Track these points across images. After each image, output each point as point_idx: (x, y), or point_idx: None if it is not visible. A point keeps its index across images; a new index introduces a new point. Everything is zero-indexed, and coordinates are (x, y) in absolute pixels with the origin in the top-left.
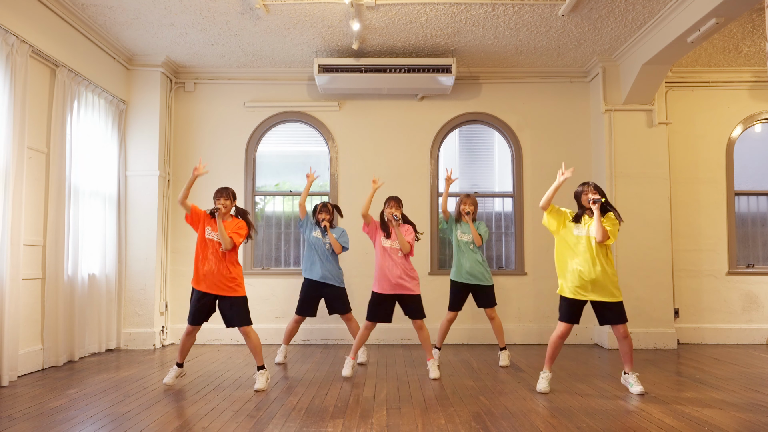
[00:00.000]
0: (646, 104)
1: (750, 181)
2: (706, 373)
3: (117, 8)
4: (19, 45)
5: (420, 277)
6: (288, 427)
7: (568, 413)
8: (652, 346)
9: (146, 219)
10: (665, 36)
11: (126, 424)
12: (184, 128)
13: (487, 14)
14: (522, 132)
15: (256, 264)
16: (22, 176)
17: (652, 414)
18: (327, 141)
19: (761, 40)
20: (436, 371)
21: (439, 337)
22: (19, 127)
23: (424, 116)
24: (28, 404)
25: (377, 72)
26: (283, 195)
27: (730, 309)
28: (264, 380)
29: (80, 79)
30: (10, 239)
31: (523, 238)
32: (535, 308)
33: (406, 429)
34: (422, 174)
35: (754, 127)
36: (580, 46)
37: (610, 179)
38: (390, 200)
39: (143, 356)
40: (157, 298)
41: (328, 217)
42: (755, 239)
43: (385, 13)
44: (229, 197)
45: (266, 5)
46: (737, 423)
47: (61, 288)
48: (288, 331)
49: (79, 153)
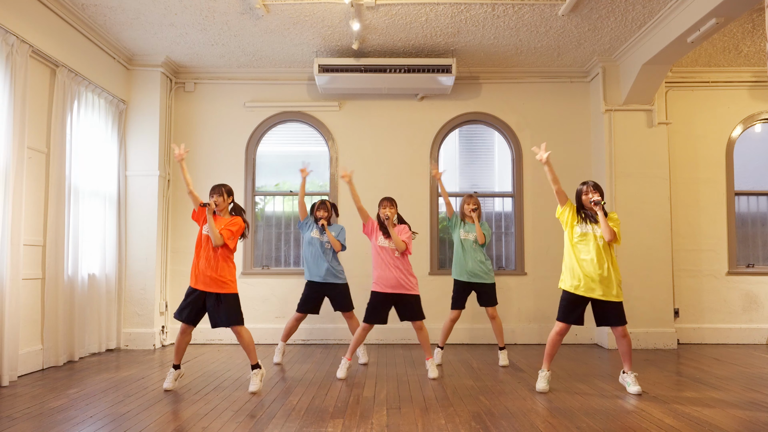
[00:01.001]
0: (646, 104)
1: (750, 181)
2: (706, 373)
3: (117, 8)
4: (19, 45)
5: (420, 277)
6: (288, 427)
7: (568, 413)
8: (652, 346)
9: (146, 219)
10: (665, 36)
11: (126, 424)
12: (184, 128)
13: (487, 14)
14: (522, 132)
15: (256, 264)
16: (22, 176)
17: (652, 414)
18: (327, 141)
19: (761, 40)
20: (434, 371)
21: (442, 336)
22: (19, 127)
23: (424, 116)
24: (28, 404)
25: (377, 72)
26: (283, 195)
27: (730, 309)
28: (258, 380)
29: (80, 79)
30: (10, 239)
31: (523, 238)
32: (535, 308)
33: (406, 429)
34: (422, 174)
35: (754, 127)
36: (580, 46)
37: (610, 179)
38: (383, 201)
39: (143, 356)
40: (157, 298)
41: (326, 215)
42: (755, 239)
43: (385, 13)
44: (222, 194)
45: (266, 5)
46: (737, 423)
47: (61, 288)
48: (287, 329)
49: (79, 153)
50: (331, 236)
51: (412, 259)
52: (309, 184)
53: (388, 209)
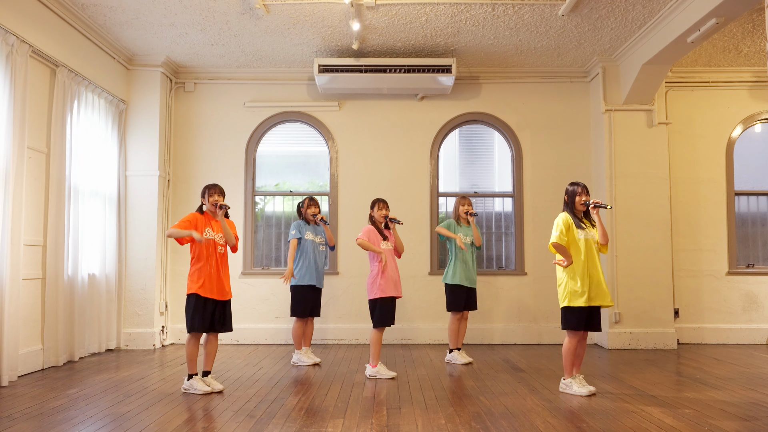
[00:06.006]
0: (646, 104)
1: (750, 181)
2: (706, 373)
3: (117, 8)
4: (19, 45)
5: (420, 277)
6: (288, 427)
7: (568, 413)
8: (652, 346)
9: (146, 219)
10: (665, 36)
11: (126, 424)
12: (184, 128)
13: (487, 14)
14: (522, 132)
15: (256, 264)
16: (22, 176)
17: (652, 414)
18: (327, 141)
19: (761, 40)
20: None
21: (454, 338)
22: (19, 127)
23: (424, 116)
24: (28, 404)
25: (377, 72)
26: (283, 195)
27: (730, 309)
28: (205, 385)
29: (80, 79)
30: (10, 239)
31: (523, 238)
32: (535, 308)
33: (406, 429)
34: (422, 174)
35: (754, 127)
36: (580, 46)
37: (610, 179)
38: (379, 202)
39: (143, 356)
40: (157, 298)
41: (318, 210)
42: (755, 239)
43: (385, 13)
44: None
45: (266, 5)
46: (737, 423)
47: (61, 288)
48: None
49: (79, 153)
50: (329, 231)
51: (412, 259)
52: (309, 184)
53: (385, 210)
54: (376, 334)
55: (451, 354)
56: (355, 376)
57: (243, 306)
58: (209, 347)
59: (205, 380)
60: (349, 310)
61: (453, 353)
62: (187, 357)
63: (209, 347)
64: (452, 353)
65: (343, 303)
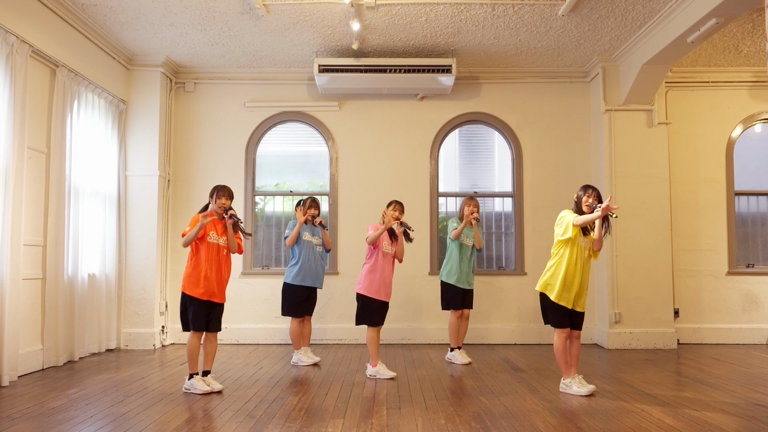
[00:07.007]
0: (646, 104)
1: (750, 181)
2: (706, 373)
3: (117, 8)
4: (19, 45)
5: (420, 277)
6: (288, 427)
7: (568, 413)
8: (652, 346)
9: (146, 219)
10: (665, 36)
11: (126, 424)
12: (184, 128)
13: (487, 14)
14: (522, 132)
15: (256, 264)
16: (22, 176)
17: (652, 414)
18: (327, 141)
19: (761, 40)
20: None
21: (454, 336)
22: (19, 127)
23: (424, 116)
24: (28, 404)
25: (377, 72)
26: (283, 195)
27: (730, 309)
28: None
29: (80, 79)
30: (10, 239)
31: (523, 238)
32: (535, 308)
33: (406, 429)
34: (422, 174)
35: (754, 127)
36: (580, 46)
37: (610, 179)
38: (395, 203)
39: (143, 356)
40: (157, 298)
41: (318, 212)
42: (755, 239)
43: (385, 13)
44: (231, 198)
45: (266, 5)
46: (737, 423)
47: (61, 288)
48: (295, 336)
49: (79, 153)
50: (326, 235)
51: (412, 259)
52: (309, 184)
53: (399, 212)
54: (370, 333)
55: (451, 353)
56: (355, 376)
57: (243, 306)
58: (209, 347)
59: (205, 380)
60: (349, 310)
61: (453, 352)
62: (188, 355)
63: (209, 347)
64: (453, 352)
65: (343, 303)
